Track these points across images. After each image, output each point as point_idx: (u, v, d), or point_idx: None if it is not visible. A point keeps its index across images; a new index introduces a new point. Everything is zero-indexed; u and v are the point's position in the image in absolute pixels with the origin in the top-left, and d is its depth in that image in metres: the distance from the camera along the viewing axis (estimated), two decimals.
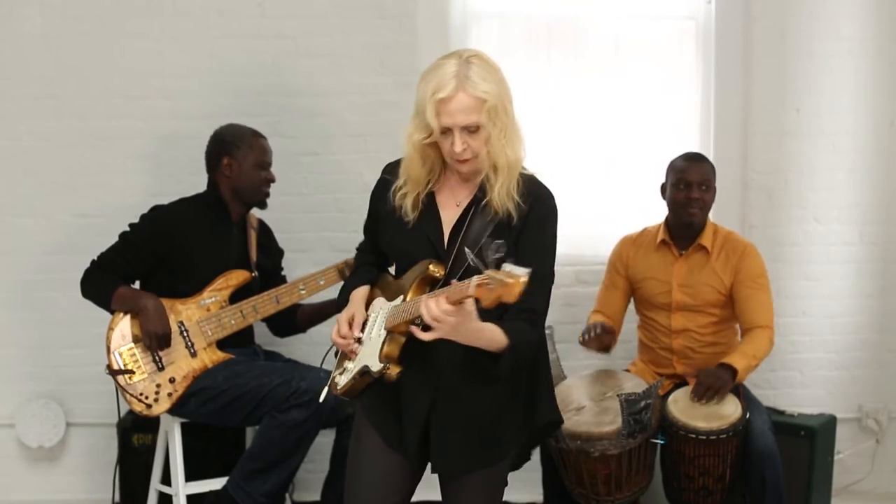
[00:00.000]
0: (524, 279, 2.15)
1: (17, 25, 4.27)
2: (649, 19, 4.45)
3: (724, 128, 4.40)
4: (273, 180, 3.85)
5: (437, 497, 2.75)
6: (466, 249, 2.40)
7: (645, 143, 4.41)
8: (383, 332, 2.57)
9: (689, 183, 3.76)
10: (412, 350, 2.53)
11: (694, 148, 4.18)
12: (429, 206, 2.59)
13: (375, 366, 2.56)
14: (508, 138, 2.49)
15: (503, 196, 2.50)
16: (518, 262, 2.32)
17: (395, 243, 2.64)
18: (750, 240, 3.96)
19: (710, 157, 4.07)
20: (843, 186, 4.43)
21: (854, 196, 4.43)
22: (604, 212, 4.39)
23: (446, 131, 2.47)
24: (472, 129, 2.45)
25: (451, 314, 2.31)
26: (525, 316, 2.49)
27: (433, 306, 2.32)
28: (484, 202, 2.53)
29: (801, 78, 4.38)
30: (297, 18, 4.31)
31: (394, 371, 2.54)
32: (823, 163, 4.41)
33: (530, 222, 2.53)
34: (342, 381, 2.70)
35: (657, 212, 3.95)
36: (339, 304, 2.77)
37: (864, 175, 4.43)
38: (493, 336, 2.43)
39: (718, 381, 3.56)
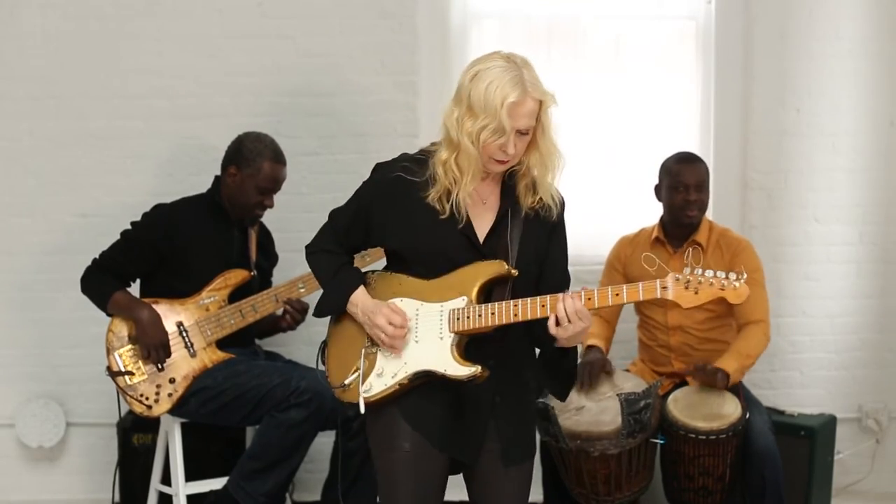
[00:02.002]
0: (744, 280, 2.39)
1: (17, 25, 4.27)
2: (649, 19, 4.46)
3: (724, 128, 4.40)
4: (270, 206, 3.79)
5: (450, 497, 2.74)
6: (692, 248, 2.51)
7: (645, 143, 4.41)
8: (450, 335, 2.52)
9: (687, 185, 3.76)
10: (471, 348, 2.54)
11: (694, 148, 4.18)
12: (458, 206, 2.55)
13: (458, 370, 2.49)
14: (554, 137, 2.56)
15: (549, 189, 2.58)
16: (550, 260, 2.58)
17: (424, 242, 2.56)
18: (750, 240, 3.96)
19: (710, 157, 4.08)
20: (843, 186, 4.43)
21: (854, 196, 4.43)
22: (604, 212, 4.39)
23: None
24: (524, 132, 2.48)
25: (585, 318, 2.44)
26: None
27: (572, 304, 2.43)
28: (517, 201, 2.56)
29: (801, 78, 4.38)
30: (297, 18, 4.31)
31: (486, 373, 2.50)
32: (823, 163, 4.41)
33: (561, 217, 2.63)
34: (378, 386, 2.57)
35: (657, 211, 3.95)
36: (329, 307, 2.70)
37: (864, 175, 4.43)
38: (583, 337, 2.56)
39: (712, 378, 3.58)
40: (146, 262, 3.70)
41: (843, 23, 4.36)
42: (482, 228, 2.57)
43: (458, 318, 2.52)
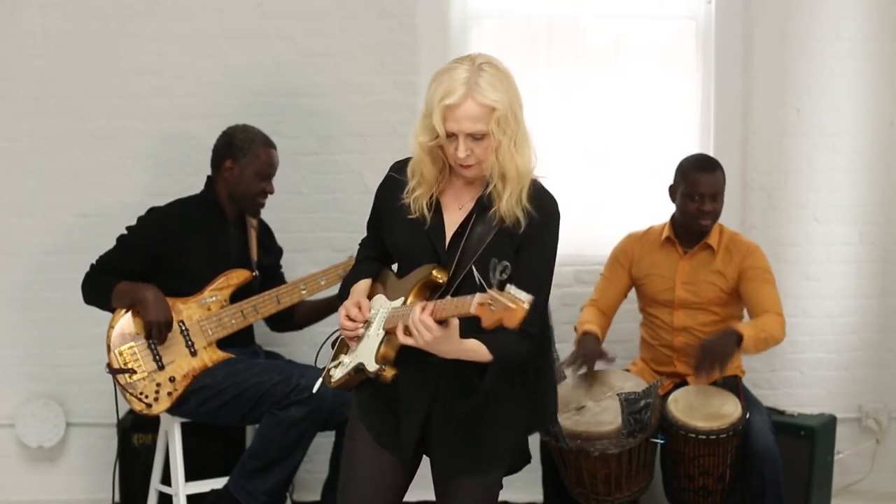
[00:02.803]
0: (526, 306, 2.16)
1: (17, 25, 4.27)
2: (649, 19, 4.45)
3: (724, 128, 4.39)
4: (271, 192, 3.82)
5: (432, 497, 2.74)
6: (473, 267, 2.37)
7: (645, 144, 4.41)
8: (381, 332, 2.57)
9: (702, 195, 3.74)
10: (411, 351, 2.51)
11: (694, 148, 4.18)
12: (433, 208, 2.58)
13: (371, 365, 2.56)
14: (518, 147, 2.48)
15: (512, 205, 2.49)
16: (519, 270, 2.38)
17: (399, 242, 2.64)
18: (749, 240, 3.96)
19: None
20: (843, 186, 4.43)
21: (854, 196, 4.43)
22: (603, 212, 4.38)
23: (452, 136, 2.46)
24: (477, 137, 2.45)
25: (431, 329, 2.34)
26: None
27: (417, 314, 2.35)
28: (489, 209, 2.52)
29: (801, 78, 4.38)
30: (297, 18, 4.31)
31: (389, 373, 2.54)
32: (823, 163, 4.42)
33: (535, 230, 2.52)
34: (337, 374, 2.70)
35: (657, 212, 3.96)
36: (341, 297, 2.76)
37: (864, 175, 4.43)
38: (476, 352, 2.45)
39: (718, 353, 3.50)
40: (142, 267, 3.70)
41: (843, 23, 4.36)
42: (450, 233, 2.58)
43: (389, 318, 2.56)
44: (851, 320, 4.49)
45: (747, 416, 3.57)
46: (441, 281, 2.51)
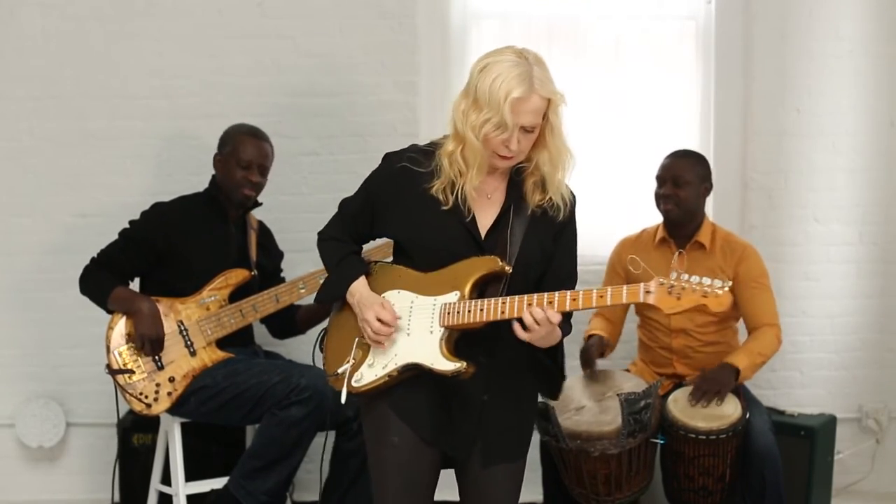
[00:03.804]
0: (727, 289, 2.31)
1: (17, 25, 4.27)
2: (649, 19, 4.46)
3: (724, 128, 4.40)
4: (253, 181, 3.77)
5: (442, 497, 2.74)
6: (636, 259, 2.46)
7: (645, 144, 4.41)
8: (440, 329, 2.52)
9: (663, 179, 3.78)
10: (463, 343, 2.53)
11: (694, 148, 4.17)
12: (463, 199, 2.55)
13: (443, 364, 2.50)
14: (563, 135, 2.57)
15: (562, 192, 2.58)
16: (560, 254, 2.56)
17: (425, 235, 2.56)
18: (750, 240, 3.96)
19: (710, 158, 4.07)
20: (843, 186, 4.43)
21: (854, 196, 4.44)
22: (604, 212, 4.38)
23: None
24: (529, 129, 2.48)
25: (554, 321, 2.41)
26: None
27: (539, 311, 2.41)
28: (523, 197, 2.56)
29: (801, 78, 4.38)
30: (297, 18, 4.31)
31: (472, 368, 2.50)
32: (823, 163, 4.42)
33: (569, 215, 2.62)
34: (368, 376, 2.60)
35: (657, 212, 3.95)
36: (329, 294, 2.71)
37: (864, 175, 4.44)
38: (556, 336, 2.52)
39: (718, 384, 3.56)
40: (144, 261, 3.71)
41: (843, 23, 4.36)
42: (484, 223, 2.57)
43: (448, 313, 2.52)
44: (851, 320, 4.49)
45: (747, 416, 3.57)
46: (508, 271, 2.51)
